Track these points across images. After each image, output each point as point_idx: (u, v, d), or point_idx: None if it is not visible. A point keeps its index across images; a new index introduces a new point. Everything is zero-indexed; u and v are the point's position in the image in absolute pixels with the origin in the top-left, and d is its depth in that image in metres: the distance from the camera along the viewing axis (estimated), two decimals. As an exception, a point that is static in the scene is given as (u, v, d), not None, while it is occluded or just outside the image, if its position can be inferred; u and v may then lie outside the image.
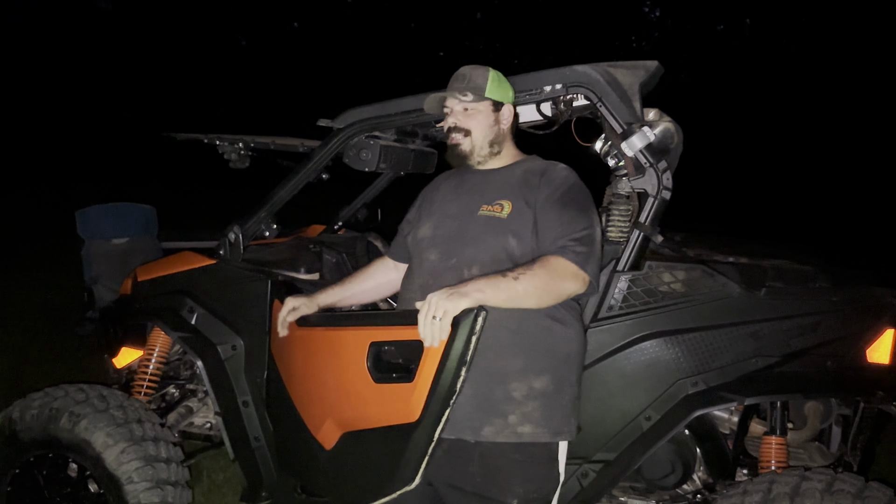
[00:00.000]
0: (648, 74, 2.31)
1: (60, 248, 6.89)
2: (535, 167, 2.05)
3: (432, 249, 2.01)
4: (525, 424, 1.85)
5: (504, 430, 1.85)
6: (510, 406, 1.85)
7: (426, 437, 1.71)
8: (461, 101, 2.03)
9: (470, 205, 2.01)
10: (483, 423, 1.85)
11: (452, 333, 1.63)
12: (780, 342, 2.25)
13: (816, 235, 10.64)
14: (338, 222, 3.78)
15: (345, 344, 1.94)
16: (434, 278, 1.92)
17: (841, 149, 18.50)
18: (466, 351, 1.64)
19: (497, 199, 1.97)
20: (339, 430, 1.97)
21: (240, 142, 3.06)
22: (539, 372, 1.88)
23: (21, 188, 13.00)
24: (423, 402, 1.70)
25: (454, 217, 2.02)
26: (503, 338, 1.84)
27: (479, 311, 1.63)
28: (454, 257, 1.94)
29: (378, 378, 1.82)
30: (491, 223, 1.94)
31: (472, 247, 1.93)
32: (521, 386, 1.86)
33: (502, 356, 1.85)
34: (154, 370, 2.88)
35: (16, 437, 2.52)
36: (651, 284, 2.27)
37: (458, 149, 2.05)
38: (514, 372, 1.86)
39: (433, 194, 2.18)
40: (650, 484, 2.44)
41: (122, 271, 3.82)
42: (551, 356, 1.91)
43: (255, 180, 4.57)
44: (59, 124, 20.29)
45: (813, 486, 1.95)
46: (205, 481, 3.47)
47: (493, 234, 1.92)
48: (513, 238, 1.90)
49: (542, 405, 1.87)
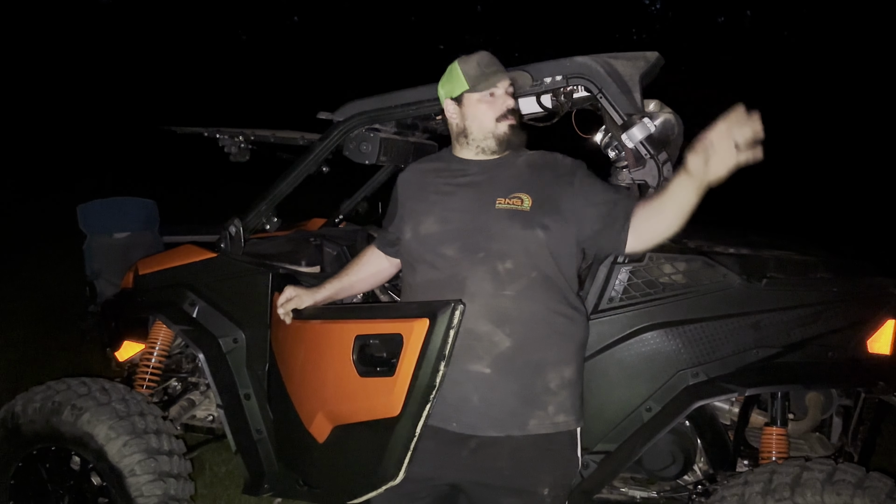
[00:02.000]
0: (649, 65, 2.31)
1: (62, 243, 6.89)
2: (535, 159, 2.03)
3: (447, 245, 1.93)
4: (560, 414, 1.87)
5: (545, 420, 1.85)
6: (549, 397, 1.86)
7: (407, 432, 1.72)
8: (509, 88, 2.02)
9: (482, 197, 1.95)
10: (528, 417, 1.84)
11: (430, 328, 1.64)
12: (780, 333, 2.25)
13: (817, 226, 10.62)
14: (338, 215, 3.78)
15: (333, 337, 1.95)
16: (464, 271, 1.87)
17: (841, 140, 18.46)
18: (444, 345, 1.64)
19: (513, 193, 1.94)
20: (331, 424, 1.98)
21: (240, 135, 3.06)
22: (568, 361, 1.90)
23: (22, 183, 13.01)
24: (403, 397, 1.71)
25: (465, 210, 1.96)
26: (539, 329, 1.85)
27: (457, 305, 1.64)
28: (481, 251, 1.89)
29: (363, 371, 1.83)
30: (516, 217, 1.90)
31: (500, 241, 1.89)
32: (555, 376, 1.87)
33: (539, 348, 1.85)
34: (156, 363, 2.89)
35: (19, 430, 2.53)
36: (652, 276, 2.27)
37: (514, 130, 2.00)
38: (549, 362, 1.87)
39: (414, 189, 2.09)
40: (651, 475, 2.45)
41: (123, 265, 3.82)
42: (575, 344, 1.93)
43: (255, 173, 4.57)
44: (60, 119, 20.26)
45: (814, 477, 1.95)
46: (207, 474, 3.48)
47: (520, 228, 1.89)
48: (541, 230, 1.88)
49: (571, 393, 1.90)
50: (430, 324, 1.63)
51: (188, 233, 4.25)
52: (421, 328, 1.65)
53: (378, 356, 1.83)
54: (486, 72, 2.01)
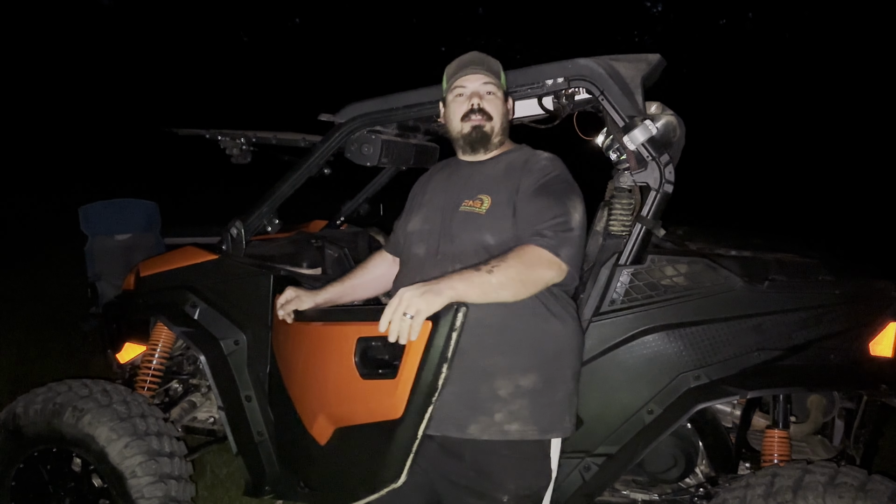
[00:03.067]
0: (650, 67, 2.31)
1: (64, 245, 6.90)
2: (518, 158, 2.02)
3: (420, 244, 2.00)
4: (513, 422, 1.84)
5: (490, 427, 1.83)
6: (496, 404, 1.84)
7: (410, 434, 1.71)
8: (486, 84, 1.99)
9: (454, 199, 1.99)
10: (469, 421, 1.84)
11: (433, 330, 1.63)
12: (782, 335, 2.25)
13: (819, 228, 10.61)
14: (340, 217, 3.78)
15: (334, 339, 1.94)
16: (421, 274, 1.90)
17: (843, 142, 18.45)
18: (447, 347, 1.63)
19: (477, 194, 1.95)
20: (332, 426, 1.97)
21: (242, 137, 3.07)
22: (525, 370, 1.86)
23: (24, 185, 13.03)
24: (405, 399, 1.70)
25: (439, 210, 2.01)
26: (486, 337, 1.82)
27: (460, 307, 1.63)
28: (439, 253, 1.94)
29: (365, 374, 1.82)
30: (469, 219, 1.92)
31: (455, 243, 1.92)
32: (507, 384, 1.84)
33: (486, 355, 1.83)
34: (157, 365, 2.89)
35: (20, 431, 2.53)
36: (653, 278, 2.27)
37: (482, 130, 1.99)
38: (499, 370, 1.85)
39: (425, 186, 2.18)
40: (653, 477, 2.44)
41: (125, 267, 3.83)
42: (539, 353, 1.88)
43: (257, 175, 4.58)
44: (62, 121, 20.31)
45: (815, 480, 1.95)
46: (208, 476, 3.48)
47: (470, 231, 1.91)
48: (489, 234, 1.88)
49: (531, 403, 1.85)
50: (432, 326, 1.63)
51: (190, 234, 4.24)
52: (424, 330, 1.65)
53: (380, 358, 1.83)
54: (458, 68, 2.02)
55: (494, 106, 2.02)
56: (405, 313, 1.58)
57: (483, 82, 2.00)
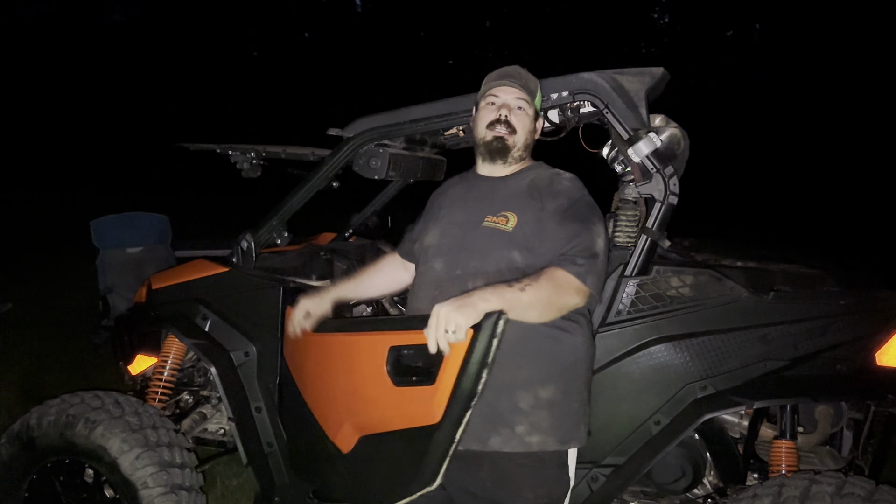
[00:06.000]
0: (654, 81, 2.33)
1: (76, 258, 6.97)
2: (541, 178, 2.04)
3: (438, 258, 2.01)
4: (533, 434, 1.87)
5: (511, 440, 1.86)
6: (517, 416, 1.87)
7: (448, 439, 1.73)
8: (518, 98, 2.02)
9: (476, 214, 2.00)
10: (490, 434, 1.86)
11: (474, 337, 1.65)
12: (788, 346, 2.25)
13: (825, 239, 10.56)
14: (348, 230, 3.81)
15: (363, 349, 1.95)
16: (440, 289, 1.93)
17: (850, 153, 18.38)
18: (488, 354, 1.65)
19: (502, 211, 1.96)
20: (357, 434, 1.99)
21: (252, 151, 3.10)
22: (544, 381, 1.89)
23: (36, 198, 13.16)
24: (444, 405, 1.71)
25: (460, 225, 2.02)
26: (506, 349, 1.81)
27: (501, 315, 1.64)
28: (459, 268, 1.95)
29: (398, 382, 1.84)
30: (495, 235, 1.94)
31: (478, 259, 1.93)
32: (527, 396, 1.87)
33: (506, 368, 1.84)
34: (168, 377, 2.91)
35: (33, 443, 2.56)
36: (659, 289, 2.28)
37: (504, 141, 2.02)
38: (519, 383, 1.87)
39: (442, 199, 2.19)
40: (660, 488, 2.45)
41: (136, 280, 3.87)
42: (556, 365, 1.91)
43: (266, 189, 4.62)
44: (76, 135, 20.53)
45: (823, 490, 1.94)
46: (218, 487, 3.49)
47: (497, 248, 1.92)
48: (517, 252, 1.91)
49: (550, 414, 1.89)
50: (473, 333, 1.65)
51: (200, 247, 4.28)
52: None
53: (413, 366, 1.83)
54: (496, 77, 2.05)
55: (521, 122, 2.04)
56: (446, 330, 1.61)
57: (516, 96, 2.03)
